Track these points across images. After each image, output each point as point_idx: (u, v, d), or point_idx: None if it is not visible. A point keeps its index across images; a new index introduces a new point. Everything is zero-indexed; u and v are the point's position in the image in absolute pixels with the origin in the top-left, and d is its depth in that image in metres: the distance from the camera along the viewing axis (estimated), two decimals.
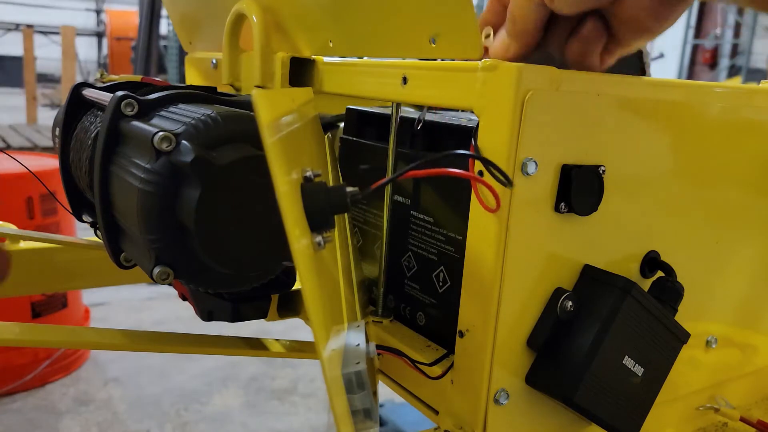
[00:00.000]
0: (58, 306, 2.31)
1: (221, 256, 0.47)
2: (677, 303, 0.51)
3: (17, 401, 2.17)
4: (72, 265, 0.98)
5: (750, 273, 0.62)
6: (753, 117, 0.57)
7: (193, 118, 0.47)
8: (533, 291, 0.46)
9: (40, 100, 8.30)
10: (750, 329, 0.66)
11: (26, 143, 4.66)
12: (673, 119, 0.51)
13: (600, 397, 0.46)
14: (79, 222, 0.73)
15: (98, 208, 0.53)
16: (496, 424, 0.47)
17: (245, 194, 0.46)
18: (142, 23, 5.63)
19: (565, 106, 0.44)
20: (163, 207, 0.45)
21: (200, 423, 2.11)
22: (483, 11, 0.49)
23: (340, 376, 0.37)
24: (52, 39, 11.07)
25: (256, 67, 0.63)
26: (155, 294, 3.14)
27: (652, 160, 0.51)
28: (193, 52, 0.90)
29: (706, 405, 0.64)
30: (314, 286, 0.33)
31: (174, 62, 5.82)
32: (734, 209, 0.58)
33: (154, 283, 0.48)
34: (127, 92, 0.52)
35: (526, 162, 0.43)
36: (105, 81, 0.75)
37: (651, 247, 0.52)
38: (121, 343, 0.66)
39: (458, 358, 0.49)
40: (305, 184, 0.38)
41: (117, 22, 9.70)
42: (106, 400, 2.22)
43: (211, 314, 0.62)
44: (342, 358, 0.39)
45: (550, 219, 0.46)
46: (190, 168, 0.43)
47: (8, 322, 0.66)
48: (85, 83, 0.69)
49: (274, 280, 0.54)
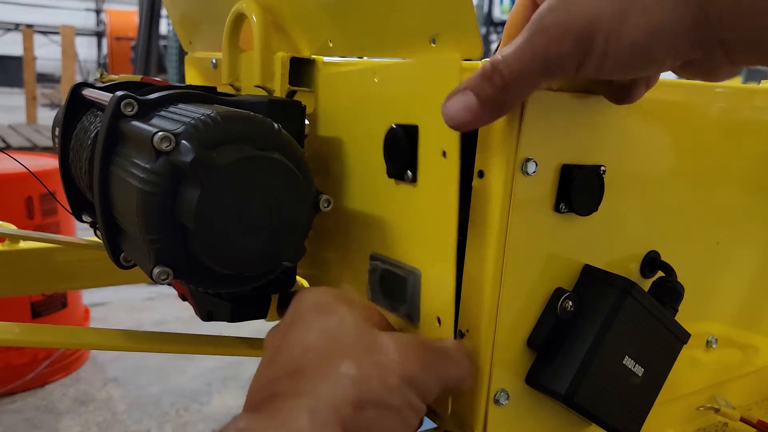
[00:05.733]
0: (58, 306, 2.31)
1: (221, 256, 0.47)
2: (677, 303, 0.51)
3: (17, 401, 2.17)
4: (72, 265, 0.98)
5: (750, 273, 0.62)
6: (753, 117, 0.57)
7: (193, 118, 0.47)
8: (533, 291, 0.46)
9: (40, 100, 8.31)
10: (750, 329, 0.66)
11: (26, 143, 4.66)
12: (673, 119, 0.51)
13: (600, 398, 0.46)
14: (79, 222, 0.73)
15: (98, 208, 0.53)
16: (496, 424, 0.47)
17: (245, 194, 0.46)
18: (142, 23, 5.63)
19: (565, 106, 0.44)
20: (162, 207, 0.45)
21: (200, 423, 2.11)
22: (511, 12, 0.47)
23: None
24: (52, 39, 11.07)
25: (256, 67, 0.63)
26: (155, 294, 3.14)
27: (652, 160, 0.51)
28: (193, 52, 0.90)
29: (706, 405, 0.64)
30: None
31: (174, 62, 5.81)
32: (735, 209, 0.58)
33: (154, 283, 0.48)
34: (126, 92, 0.52)
35: (526, 162, 0.43)
36: (105, 81, 0.75)
37: (651, 247, 0.52)
38: (121, 343, 0.66)
39: None
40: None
41: (117, 21, 9.70)
42: (106, 400, 2.22)
43: (211, 314, 0.62)
44: None
45: (550, 219, 0.46)
46: (190, 168, 0.43)
47: (8, 322, 0.66)
48: (85, 83, 0.69)
49: (274, 280, 0.54)
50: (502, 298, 0.45)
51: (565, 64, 0.37)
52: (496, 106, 0.40)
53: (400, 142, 0.48)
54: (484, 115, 0.40)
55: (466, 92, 0.40)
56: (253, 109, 0.52)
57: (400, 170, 0.49)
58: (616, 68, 0.37)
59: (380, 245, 0.54)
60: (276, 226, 0.48)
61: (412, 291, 0.50)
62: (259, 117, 0.49)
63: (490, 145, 0.44)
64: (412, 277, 0.50)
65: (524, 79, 0.38)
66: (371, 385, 0.40)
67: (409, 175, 0.48)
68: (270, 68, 0.63)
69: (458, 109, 0.40)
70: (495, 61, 0.38)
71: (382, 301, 0.53)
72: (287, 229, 0.49)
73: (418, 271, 0.49)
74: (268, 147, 0.48)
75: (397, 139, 0.49)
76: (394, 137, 0.49)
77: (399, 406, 0.40)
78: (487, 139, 0.44)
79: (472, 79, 0.39)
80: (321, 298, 0.46)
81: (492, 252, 0.44)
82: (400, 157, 0.49)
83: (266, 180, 0.47)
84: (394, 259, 0.52)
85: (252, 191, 0.46)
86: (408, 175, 0.48)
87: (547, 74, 0.38)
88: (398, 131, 0.49)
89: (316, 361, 0.40)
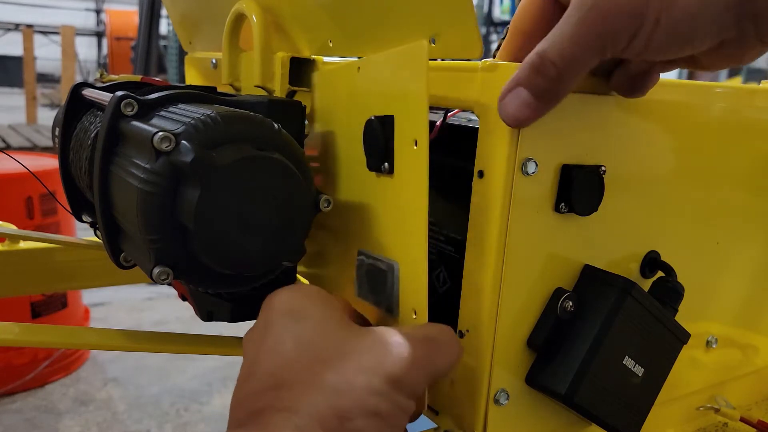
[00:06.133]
0: (58, 306, 2.31)
1: (221, 256, 0.47)
2: (677, 303, 0.51)
3: (17, 401, 2.17)
4: (72, 265, 0.98)
5: (750, 273, 0.62)
6: (753, 117, 0.57)
7: (193, 118, 0.47)
8: (533, 291, 0.46)
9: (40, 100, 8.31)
10: (750, 329, 0.66)
11: (26, 143, 4.66)
12: (673, 119, 0.51)
13: (600, 398, 0.46)
14: (79, 222, 0.73)
15: (98, 208, 0.53)
16: (496, 424, 0.47)
17: (245, 194, 0.46)
18: (142, 23, 5.63)
19: (565, 105, 0.44)
20: (162, 207, 0.45)
21: (200, 423, 2.11)
22: (520, 5, 0.46)
23: None
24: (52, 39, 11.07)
25: (256, 67, 0.63)
26: (155, 294, 3.14)
27: (652, 160, 0.51)
28: (193, 52, 0.90)
29: (706, 405, 0.64)
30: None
31: (174, 62, 5.81)
32: (735, 209, 0.58)
33: (154, 283, 0.48)
34: (126, 92, 0.52)
35: (526, 162, 0.43)
36: (105, 81, 0.75)
37: (651, 247, 0.52)
38: (121, 343, 0.66)
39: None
40: None
41: (117, 21, 9.70)
42: (106, 400, 2.22)
43: (211, 314, 0.62)
44: None
45: (550, 219, 0.46)
46: (190, 168, 0.43)
47: (8, 322, 0.66)
48: (85, 83, 0.69)
49: (274, 280, 0.54)
50: (502, 298, 0.45)
51: (619, 40, 0.37)
52: (552, 97, 0.40)
53: (377, 133, 0.48)
54: (540, 108, 0.40)
55: (519, 90, 0.40)
56: (253, 109, 0.52)
57: (378, 162, 0.49)
58: (663, 43, 0.37)
59: (366, 240, 0.54)
60: (276, 226, 0.48)
61: (391, 284, 0.49)
62: (259, 117, 0.49)
63: (490, 145, 0.44)
64: (390, 270, 0.49)
65: (579, 63, 0.38)
66: (356, 394, 0.38)
67: (386, 166, 0.48)
68: (270, 68, 0.63)
69: (516, 107, 0.40)
70: (543, 51, 0.38)
71: (368, 296, 0.53)
72: (287, 229, 0.49)
73: (396, 264, 0.49)
74: (268, 147, 0.48)
75: (374, 130, 0.48)
76: (371, 129, 0.49)
77: (387, 411, 0.38)
78: (487, 139, 0.44)
79: (521, 74, 0.39)
80: (291, 301, 0.44)
81: (492, 252, 0.44)
82: (377, 148, 0.48)
83: (266, 180, 0.47)
84: (377, 254, 0.52)
85: (252, 191, 0.46)
86: (385, 166, 0.48)
87: (602, 53, 0.38)
88: (375, 123, 0.48)
89: (296, 373, 0.39)
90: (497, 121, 0.42)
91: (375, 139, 0.49)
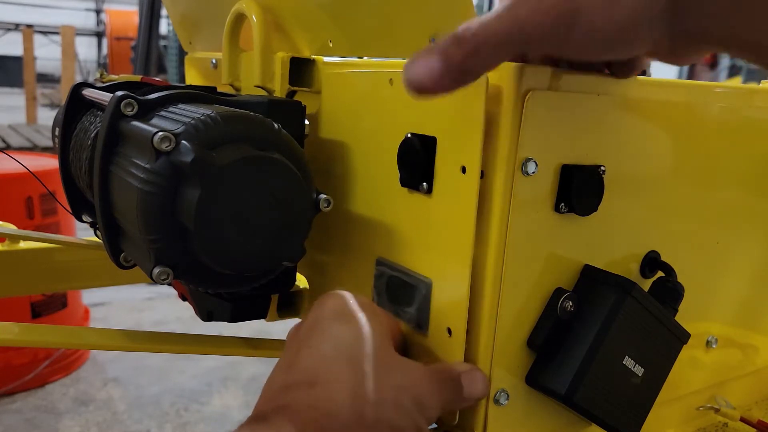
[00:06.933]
0: (58, 306, 2.31)
1: (221, 257, 0.47)
2: (677, 303, 0.51)
3: (17, 401, 2.17)
4: (72, 265, 0.98)
5: (750, 273, 0.62)
6: (753, 117, 0.57)
7: (193, 118, 0.47)
8: (533, 291, 0.46)
9: (40, 100, 8.31)
10: (750, 329, 0.66)
11: (26, 143, 4.66)
12: (673, 119, 0.51)
13: (600, 398, 0.46)
14: (79, 222, 0.73)
15: (98, 208, 0.53)
16: (496, 424, 0.47)
17: (245, 194, 0.46)
18: (142, 23, 5.63)
19: (565, 105, 0.44)
20: (162, 207, 0.45)
21: (200, 423, 2.12)
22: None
23: None
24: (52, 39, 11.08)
25: (256, 67, 0.63)
26: (155, 294, 3.14)
27: (652, 160, 0.51)
28: (193, 52, 0.90)
29: (706, 405, 0.64)
30: None
31: (174, 62, 5.82)
32: (734, 209, 0.58)
33: (154, 283, 0.48)
34: (126, 92, 0.52)
35: (526, 162, 0.43)
36: (105, 81, 0.75)
37: (651, 247, 0.52)
38: (121, 343, 0.66)
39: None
40: None
41: (117, 22, 9.70)
42: (106, 400, 2.22)
43: (211, 314, 0.62)
44: None
45: (550, 219, 0.46)
46: (190, 168, 0.43)
47: (8, 322, 0.66)
48: (85, 83, 0.69)
49: (274, 280, 0.54)
50: (502, 298, 0.45)
51: (545, 36, 0.36)
52: (462, 72, 0.37)
53: (417, 152, 0.47)
54: (443, 81, 0.37)
55: (432, 55, 0.37)
56: (253, 109, 0.52)
57: (416, 181, 0.48)
58: (598, 47, 0.37)
59: (388, 251, 0.53)
60: (276, 226, 0.48)
61: (423, 300, 0.49)
62: (259, 117, 0.49)
63: (490, 145, 0.44)
64: (423, 286, 0.49)
65: (498, 45, 0.36)
66: (386, 406, 0.39)
67: (424, 186, 0.48)
68: (270, 68, 0.63)
69: (419, 72, 0.37)
70: (470, 23, 0.37)
71: (387, 306, 0.53)
72: (287, 229, 0.49)
73: (429, 281, 0.49)
74: (268, 147, 0.48)
75: (414, 149, 0.47)
76: (410, 147, 0.48)
77: (407, 429, 0.40)
78: (487, 139, 0.44)
79: (442, 41, 0.37)
80: (344, 305, 0.45)
81: (492, 252, 0.44)
82: (416, 167, 0.47)
83: (266, 180, 0.47)
84: (403, 266, 0.51)
85: (252, 191, 0.46)
86: (423, 186, 0.48)
87: (523, 43, 0.37)
88: (414, 141, 0.47)
89: (332, 374, 0.40)
90: (497, 121, 0.42)
91: (414, 158, 0.48)
